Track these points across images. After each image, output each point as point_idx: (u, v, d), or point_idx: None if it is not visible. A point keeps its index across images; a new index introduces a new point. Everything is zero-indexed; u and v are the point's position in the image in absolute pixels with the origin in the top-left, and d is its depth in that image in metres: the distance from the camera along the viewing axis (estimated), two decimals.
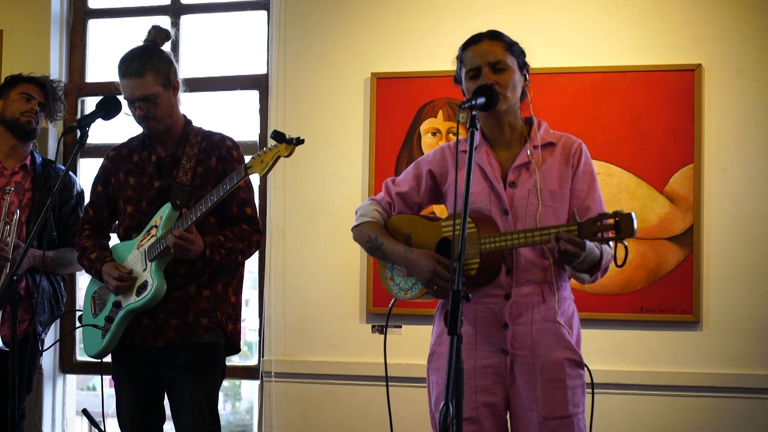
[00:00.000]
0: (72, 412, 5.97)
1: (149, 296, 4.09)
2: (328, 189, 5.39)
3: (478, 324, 3.50)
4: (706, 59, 5.05)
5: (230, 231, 4.20)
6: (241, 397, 10.61)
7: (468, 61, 3.53)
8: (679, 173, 5.03)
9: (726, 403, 4.96)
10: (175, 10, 5.91)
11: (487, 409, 3.49)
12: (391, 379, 3.84)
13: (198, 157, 4.23)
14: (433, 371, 3.64)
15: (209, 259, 4.11)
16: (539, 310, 3.48)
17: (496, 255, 3.43)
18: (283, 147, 3.82)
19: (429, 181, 3.71)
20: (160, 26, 4.28)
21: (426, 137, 5.28)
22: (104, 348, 4.23)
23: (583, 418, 3.50)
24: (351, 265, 5.33)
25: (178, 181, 4.18)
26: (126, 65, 4.16)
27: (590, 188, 3.55)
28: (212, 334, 4.21)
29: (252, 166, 3.90)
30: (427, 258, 3.48)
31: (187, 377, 4.17)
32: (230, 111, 5.98)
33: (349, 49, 5.46)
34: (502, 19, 5.10)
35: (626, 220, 3.13)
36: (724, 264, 5.00)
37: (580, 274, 3.44)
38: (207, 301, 4.20)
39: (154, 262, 4.11)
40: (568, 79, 5.14)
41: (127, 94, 4.15)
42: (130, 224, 4.28)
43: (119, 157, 4.36)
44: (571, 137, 3.63)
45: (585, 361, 3.54)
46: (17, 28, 5.84)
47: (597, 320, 5.02)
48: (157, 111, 4.17)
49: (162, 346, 4.17)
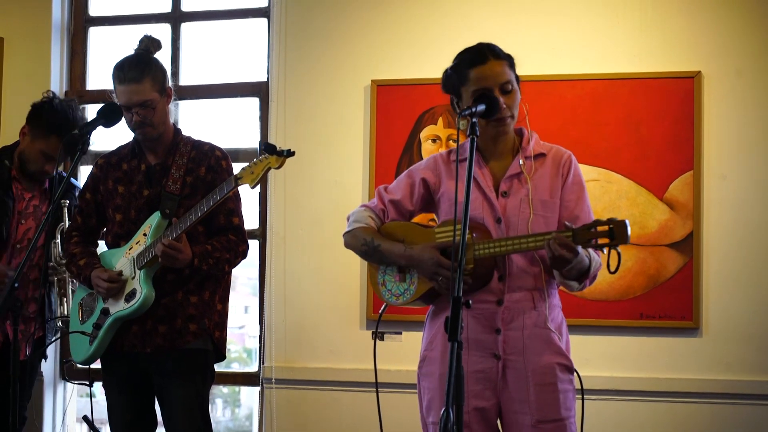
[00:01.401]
0: (72, 419, 5.97)
1: (138, 304, 4.12)
2: (329, 196, 5.40)
3: (470, 329, 3.51)
4: (705, 66, 5.06)
5: (217, 241, 4.23)
6: (240, 404, 10.61)
7: (476, 82, 3.53)
8: (678, 180, 5.04)
9: (726, 410, 4.96)
10: (175, 18, 5.92)
11: (478, 413, 3.50)
12: (390, 386, 3.87)
13: (187, 167, 4.25)
14: (423, 377, 3.65)
15: (197, 269, 4.14)
16: (530, 316, 3.50)
17: (489, 261, 3.46)
18: (274, 159, 3.85)
19: (422, 190, 3.73)
20: (152, 36, 4.32)
21: (426, 144, 5.28)
22: (92, 354, 4.25)
23: (575, 423, 3.52)
24: (351, 272, 5.34)
25: (167, 190, 4.20)
26: (124, 72, 4.18)
27: (579, 199, 3.60)
28: (200, 341, 4.23)
29: (242, 177, 3.93)
30: (429, 251, 3.50)
31: (178, 383, 4.19)
32: (230, 118, 5.99)
33: (349, 56, 5.47)
34: (502, 27, 5.13)
35: (620, 227, 3.20)
36: (723, 270, 5.01)
37: (569, 282, 3.48)
38: (195, 308, 4.22)
39: (142, 270, 4.14)
40: (568, 87, 5.15)
41: (124, 99, 4.17)
42: (119, 232, 4.29)
43: (108, 165, 4.38)
44: (560, 149, 3.67)
45: (584, 366, 3.56)
46: (18, 36, 5.85)
47: (597, 326, 5.02)
48: (153, 117, 4.20)
49: (151, 352, 4.19)
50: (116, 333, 4.21)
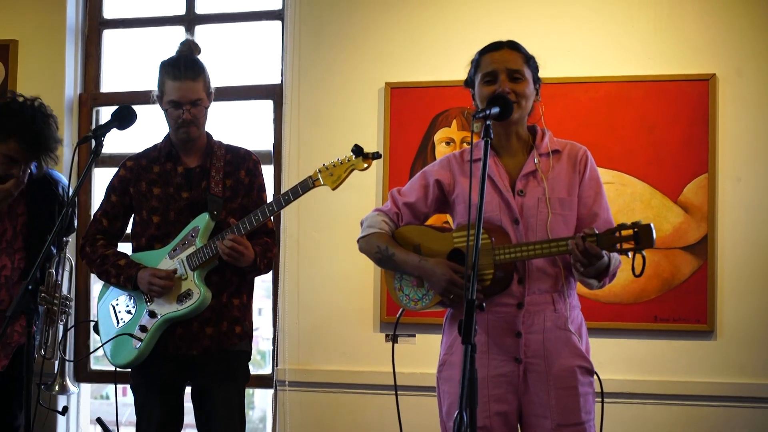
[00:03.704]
0: (86, 421, 5.98)
1: (195, 304, 4.14)
2: (342, 198, 5.36)
3: (491, 333, 3.50)
4: (720, 69, 5.04)
5: (263, 243, 4.27)
6: (254, 406, 10.60)
7: (485, 66, 3.54)
8: (693, 183, 5.02)
9: (740, 413, 4.95)
10: (189, 21, 5.93)
11: (500, 418, 3.49)
12: (404, 389, 3.86)
13: (225, 170, 4.29)
14: (443, 381, 3.64)
15: (256, 269, 4.20)
16: (550, 318, 3.49)
17: (509, 265, 3.44)
18: (360, 160, 3.90)
19: (436, 191, 3.71)
20: (193, 39, 4.40)
21: (440, 147, 5.28)
22: (136, 357, 4.23)
23: (594, 426, 3.51)
24: (364, 275, 5.34)
25: (212, 192, 4.23)
26: (180, 69, 4.23)
27: (597, 195, 3.58)
28: (244, 342, 4.32)
29: (319, 178, 3.98)
30: (443, 266, 3.49)
31: (221, 385, 4.24)
32: (244, 120, 6.00)
33: (363, 58, 5.47)
34: (516, 30, 5.08)
35: (645, 231, 3.16)
36: (738, 273, 5.00)
37: (589, 280, 3.45)
38: (238, 310, 4.29)
39: (196, 271, 4.16)
40: (582, 89, 5.15)
41: (177, 96, 4.20)
42: (156, 234, 4.30)
43: (139, 168, 4.37)
44: (576, 144, 3.65)
45: (598, 369, 3.55)
46: (32, 39, 5.87)
47: (611, 329, 5.01)
48: (201, 117, 4.26)
49: (197, 354, 4.22)
50: (161, 335, 4.22)
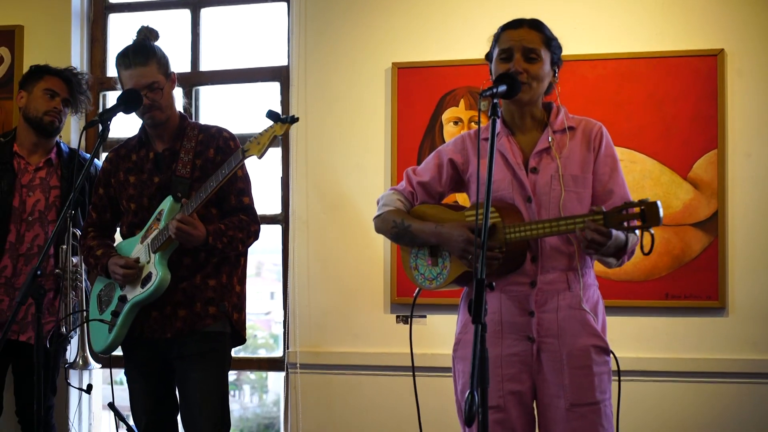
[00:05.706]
0: (99, 406, 5.99)
1: (154, 286, 4.13)
2: (351, 179, 5.39)
3: (504, 312, 3.49)
4: (728, 44, 5.01)
5: (229, 221, 4.25)
6: (268, 390, 10.62)
7: (503, 42, 3.53)
8: (702, 159, 5.00)
9: (753, 389, 4.93)
10: (195, 3, 5.90)
11: (514, 397, 3.49)
12: (416, 369, 3.84)
13: (196, 150, 4.29)
14: (458, 360, 3.64)
15: (211, 247, 4.15)
16: (564, 297, 3.47)
17: (521, 243, 3.42)
18: (278, 126, 3.89)
19: (450, 170, 3.70)
20: (149, 26, 4.39)
21: (448, 126, 5.26)
22: (111, 343, 4.27)
23: (611, 405, 3.50)
24: (375, 256, 5.33)
25: (177, 174, 4.24)
26: (128, 57, 4.26)
27: (613, 171, 3.55)
28: (219, 323, 4.27)
29: (249, 149, 3.96)
30: (460, 228, 3.48)
31: (197, 366, 4.22)
32: (251, 103, 5.99)
33: (369, 39, 5.45)
34: (524, 8, 5.05)
35: (652, 209, 3.13)
36: (749, 249, 4.97)
37: (607, 259, 3.44)
38: (213, 291, 4.25)
39: (157, 254, 4.16)
40: (590, 66, 5.12)
41: (131, 83, 4.22)
42: (134, 221, 4.33)
43: (118, 158, 4.42)
44: (591, 121, 3.62)
45: (611, 347, 3.53)
46: (38, 24, 5.87)
47: (622, 307, 4.99)
48: (161, 100, 4.25)
49: (171, 337, 4.22)
50: (136, 320, 4.23)
